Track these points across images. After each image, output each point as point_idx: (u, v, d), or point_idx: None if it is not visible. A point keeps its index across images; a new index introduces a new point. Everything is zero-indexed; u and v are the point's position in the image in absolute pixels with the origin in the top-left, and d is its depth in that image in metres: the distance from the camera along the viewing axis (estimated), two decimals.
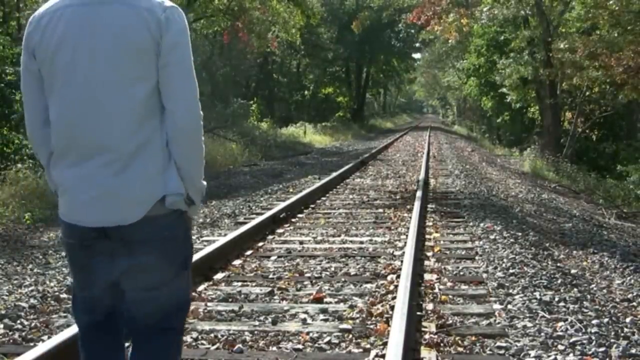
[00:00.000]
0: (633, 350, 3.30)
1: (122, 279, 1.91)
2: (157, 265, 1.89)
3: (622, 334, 3.56)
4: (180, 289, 1.98)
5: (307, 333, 3.54)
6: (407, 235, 5.87)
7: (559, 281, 4.63)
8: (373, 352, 3.24)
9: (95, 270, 1.92)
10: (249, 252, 5.57)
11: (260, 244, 5.94)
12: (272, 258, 5.40)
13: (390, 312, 3.75)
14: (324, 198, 9.13)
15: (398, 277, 4.45)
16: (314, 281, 4.64)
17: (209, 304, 4.11)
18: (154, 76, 1.82)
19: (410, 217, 6.85)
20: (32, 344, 3.39)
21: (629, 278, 5.24)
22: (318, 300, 4.15)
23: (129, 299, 1.94)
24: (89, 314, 2.03)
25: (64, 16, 1.81)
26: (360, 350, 3.32)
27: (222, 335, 3.54)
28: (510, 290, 4.34)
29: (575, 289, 4.47)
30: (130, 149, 1.81)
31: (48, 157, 1.96)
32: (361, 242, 6.04)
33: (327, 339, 3.46)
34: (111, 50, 1.78)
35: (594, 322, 3.69)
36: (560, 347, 3.32)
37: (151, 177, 1.84)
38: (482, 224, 6.89)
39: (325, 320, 3.78)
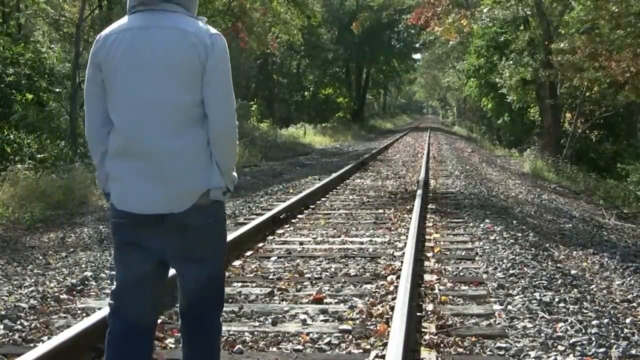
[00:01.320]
0: (633, 351, 3.30)
1: (172, 256, 2.25)
2: (202, 244, 2.24)
3: (622, 335, 3.56)
4: (217, 265, 2.35)
5: (307, 334, 3.54)
6: (407, 236, 5.87)
7: (559, 282, 4.63)
8: (373, 353, 3.24)
9: (145, 250, 2.22)
10: (249, 253, 5.57)
11: (260, 244, 5.94)
12: (272, 259, 5.40)
13: (390, 313, 3.75)
14: (324, 199, 9.13)
15: (398, 277, 4.45)
16: (314, 282, 4.64)
17: None
18: (198, 90, 2.16)
19: (410, 218, 6.85)
20: (32, 344, 3.39)
21: (629, 279, 5.24)
22: (318, 300, 4.15)
23: (178, 272, 2.32)
24: (121, 296, 2.29)
25: (126, 37, 2.16)
26: (360, 350, 3.32)
27: (222, 336, 3.53)
28: (510, 291, 4.34)
29: (575, 290, 4.47)
30: (177, 149, 2.15)
31: (101, 155, 2.27)
32: (361, 243, 6.04)
33: (327, 339, 3.46)
34: (163, 67, 2.13)
35: (594, 322, 3.69)
36: (560, 348, 3.32)
37: (196, 172, 2.18)
38: (482, 225, 6.89)
39: (325, 321, 3.78)
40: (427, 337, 3.45)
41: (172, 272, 2.42)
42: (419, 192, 8.56)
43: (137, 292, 2.27)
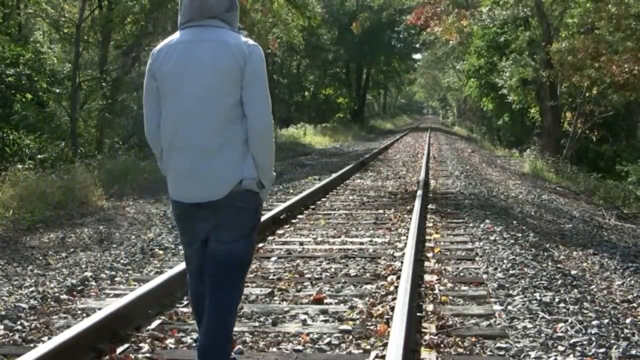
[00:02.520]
0: (633, 351, 3.30)
1: (210, 234, 2.63)
2: (233, 226, 2.61)
3: (622, 335, 3.56)
4: (245, 249, 2.68)
5: (308, 334, 3.54)
6: (407, 236, 5.87)
7: (559, 282, 4.63)
8: (373, 353, 3.24)
9: (197, 231, 2.67)
10: None
11: (261, 244, 5.94)
12: (272, 259, 5.40)
13: (391, 313, 3.75)
14: (324, 199, 9.13)
15: (398, 278, 4.45)
16: (314, 282, 4.64)
17: None
18: (238, 93, 2.51)
19: (411, 218, 6.85)
20: (32, 345, 3.39)
21: (629, 279, 5.24)
22: (318, 301, 4.15)
23: (210, 250, 2.66)
24: (189, 264, 2.80)
25: (176, 49, 2.56)
26: (361, 351, 3.32)
27: None
28: (511, 291, 4.34)
29: (576, 290, 4.47)
30: (217, 144, 2.51)
31: (161, 151, 2.68)
32: (361, 243, 6.04)
33: (327, 340, 3.46)
34: (208, 73, 2.50)
35: (594, 323, 3.69)
36: (561, 348, 3.32)
37: (233, 165, 2.53)
38: (482, 225, 6.89)
39: (326, 321, 3.78)
40: (427, 337, 3.45)
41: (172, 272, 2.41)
42: (419, 192, 8.56)
43: (196, 259, 2.74)
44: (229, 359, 2.70)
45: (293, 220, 7.29)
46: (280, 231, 6.64)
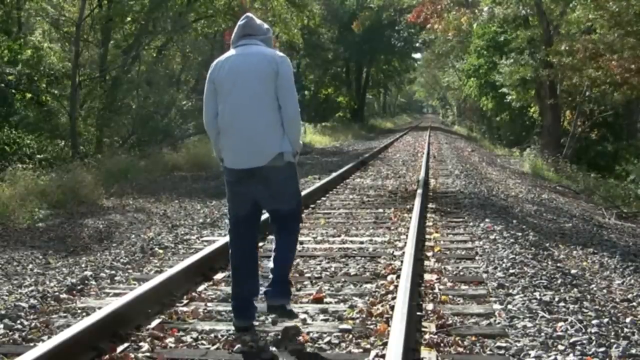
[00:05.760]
0: (633, 351, 3.29)
1: (261, 197, 3.61)
2: (280, 192, 3.59)
3: (622, 334, 3.56)
4: (292, 204, 3.67)
5: (307, 333, 3.54)
6: (407, 235, 5.87)
7: (559, 281, 4.63)
8: (373, 353, 3.24)
9: (246, 194, 3.60)
10: None
11: (261, 244, 5.93)
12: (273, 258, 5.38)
13: (390, 312, 3.75)
14: (324, 198, 9.12)
15: (398, 277, 4.45)
16: (314, 281, 4.64)
17: (209, 304, 4.11)
18: (274, 90, 3.51)
19: (411, 217, 6.84)
20: (32, 344, 3.39)
21: (629, 278, 5.24)
22: (318, 300, 4.15)
23: (265, 208, 3.72)
24: (235, 224, 3.70)
25: (230, 60, 3.60)
26: (360, 350, 3.32)
27: (222, 335, 3.54)
28: (510, 291, 4.34)
29: (575, 289, 4.47)
30: (262, 126, 3.50)
31: (216, 135, 3.65)
32: (361, 242, 6.04)
33: (327, 339, 3.46)
34: (253, 77, 3.51)
35: (594, 322, 3.69)
36: (561, 347, 3.32)
37: (272, 141, 3.50)
38: (482, 224, 6.88)
39: (325, 320, 3.78)
40: (427, 336, 3.45)
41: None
42: (419, 191, 8.55)
43: (244, 224, 3.67)
44: (288, 273, 3.76)
45: None
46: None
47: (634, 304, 4.45)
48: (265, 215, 3.83)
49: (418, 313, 3.82)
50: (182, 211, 8.33)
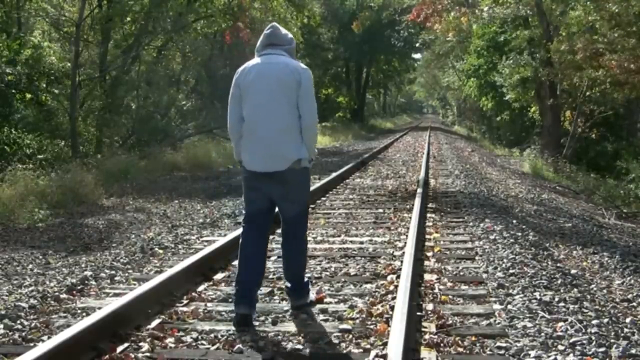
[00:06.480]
0: (633, 351, 3.29)
1: (277, 197, 3.82)
2: (295, 193, 3.82)
3: (622, 334, 3.56)
4: (303, 205, 3.94)
5: (307, 333, 3.54)
6: (407, 236, 5.87)
7: (559, 281, 4.63)
8: (373, 353, 3.24)
9: (262, 191, 3.81)
10: None
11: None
12: (272, 258, 5.38)
13: (390, 313, 3.75)
14: (323, 198, 9.12)
15: (398, 277, 4.45)
16: (314, 281, 4.63)
17: (208, 304, 4.11)
18: (295, 99, 3.72)
19: (410, 217, 6.84)
20: (32, 344, 3.39)
21: (629, 278, 5.24)
22: (318, 300, 4.14)
23: (280, 207, 3.88)
24: (249, 217, 3.89)
25: (254, 68, 3.80)
26: (360, 350, 3.31)
27: (222, 335, 3.54)
28: (510, 291, 4.34)
29: (575, 289, 4.47)
30: (283, 133, 3.70)
31: (238, 139, 3.84)
32: (361, 242, 6.04)
33: (327, 339, 3.46)
34: (275, 84, 3.71)
35: (594, 322, 3.69)
36: (560, 348, 3.32)
37: (291, 147, 3.71)
38: (482, 224, 6.88)
39: (325, 320, 3.78)
40: (427, 336, 3.45)
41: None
42: (419, 191, 8.54)
43: (258, 217, 3.86)
44: (304, 275, 4.01)
45: None
46: (279, 230, 6.62)
47: (634, 304, 4.45)
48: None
49: (418, 313, 3.82)
50: (182, 211, 8.33)
